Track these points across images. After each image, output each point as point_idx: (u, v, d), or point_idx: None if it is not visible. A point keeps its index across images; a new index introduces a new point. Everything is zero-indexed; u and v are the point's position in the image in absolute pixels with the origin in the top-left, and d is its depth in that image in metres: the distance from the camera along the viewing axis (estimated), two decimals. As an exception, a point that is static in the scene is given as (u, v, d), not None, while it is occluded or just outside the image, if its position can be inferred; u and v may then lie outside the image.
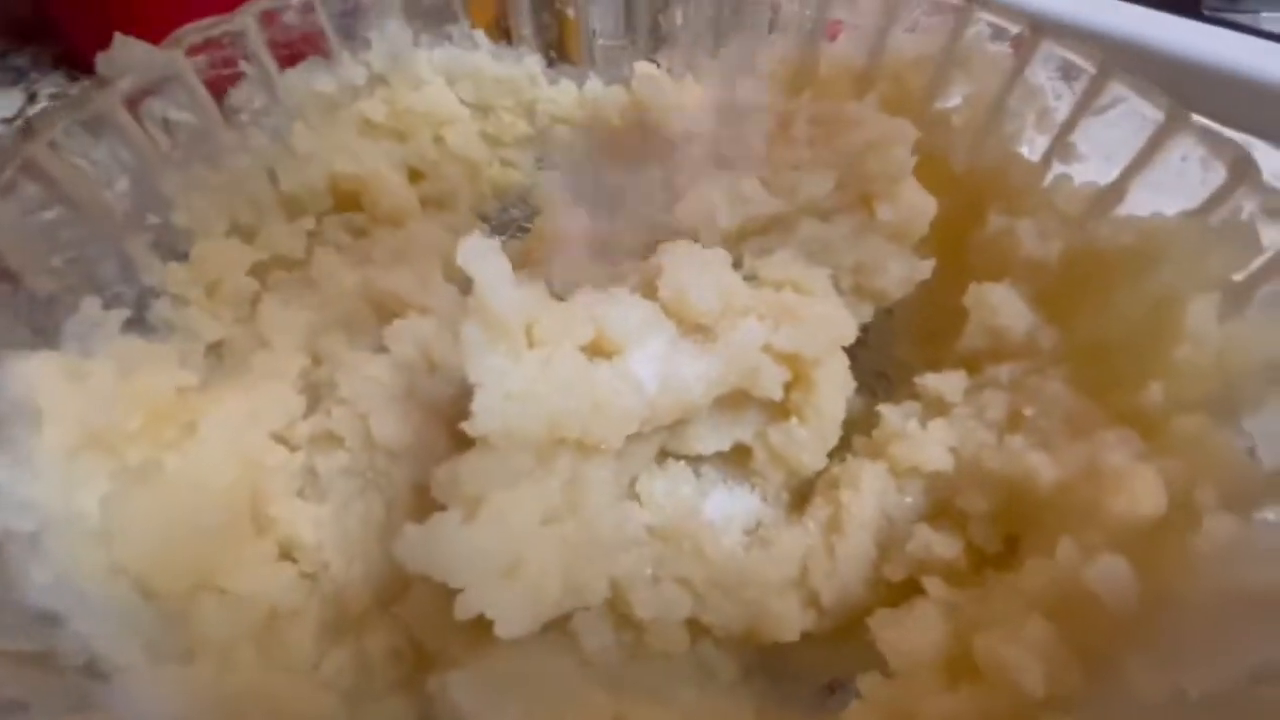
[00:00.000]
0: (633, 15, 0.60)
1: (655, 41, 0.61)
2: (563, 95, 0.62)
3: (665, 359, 0.35)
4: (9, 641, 0.25)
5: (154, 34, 0.42)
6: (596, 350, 0.34)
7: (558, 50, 0.62)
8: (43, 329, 0.35)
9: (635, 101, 0.61)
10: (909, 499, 0.39)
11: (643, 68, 0.61)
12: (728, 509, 0.40)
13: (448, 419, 0.43)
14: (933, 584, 0.34)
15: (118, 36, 0.41)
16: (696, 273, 0.38)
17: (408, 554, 0.28)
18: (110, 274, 0.40)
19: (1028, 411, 0.38)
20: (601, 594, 0.33)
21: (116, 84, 0.40)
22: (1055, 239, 0.43)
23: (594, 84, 0.62)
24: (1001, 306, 0.42)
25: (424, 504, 0.42)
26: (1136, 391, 0.34)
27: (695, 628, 0.37)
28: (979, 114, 0.49)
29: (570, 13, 0.60)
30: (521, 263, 0.50)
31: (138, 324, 0.42)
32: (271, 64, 0.49)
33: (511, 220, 0.65)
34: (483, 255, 0.29)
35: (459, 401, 0.44)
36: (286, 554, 0.36)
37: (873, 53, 0.54)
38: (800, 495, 0.42)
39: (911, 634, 0.32)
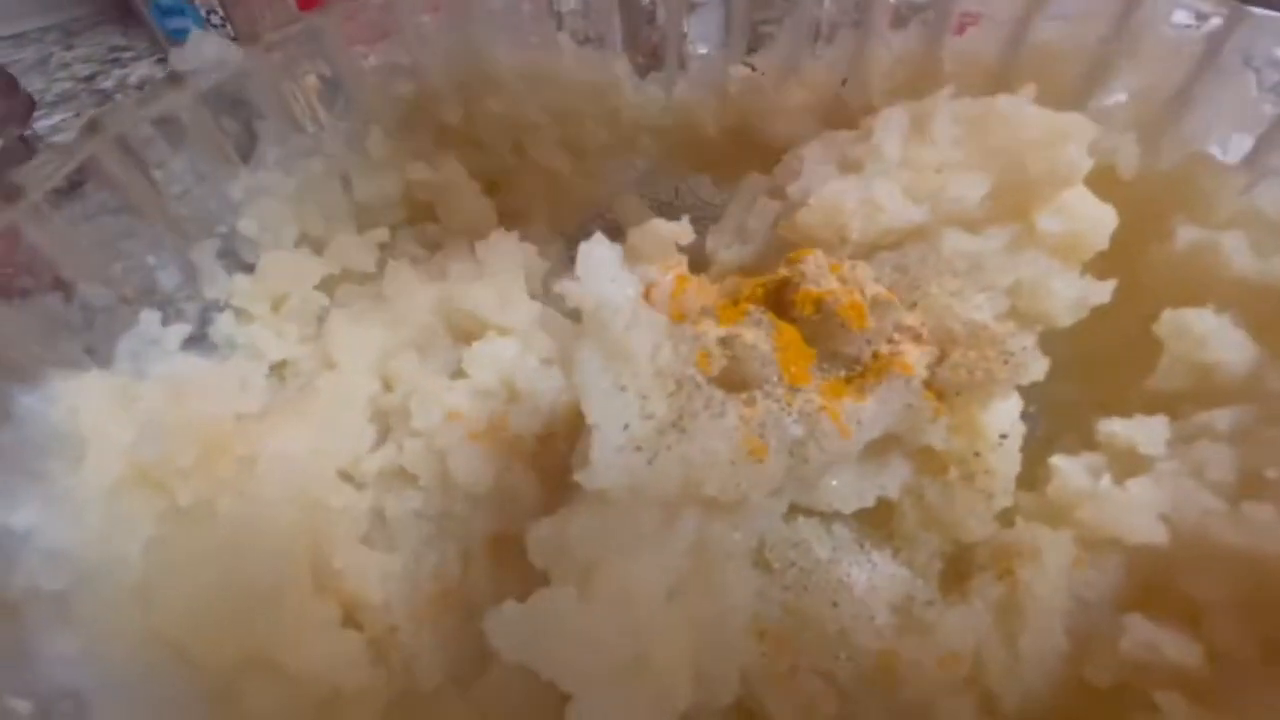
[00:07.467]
0: (732, 19, 0.55)
1: (752, 43, 0.56)
2: (649, 102, 0.57)
3: (812, 395, 0.28)
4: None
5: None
6: (729, 384, 0.28)
7: (646, 55, 0.57)
8: (95, 347, 0.31)
9: (732, 107, 0.56)
10: (1106, 578, 0.31)
11: (738, 71, 0.56)
12: (868, 580, 0.33)
13: (535, 460, 0.37)
14: (1169, 700, 0.26)
15: (194, 31, 0.38)
16: (838, 291, 0.31)
17: (504, 638, 0.22)
18: (172, 285, 0.37)
19: (1271, 473, 0.30)
20: (733, 691, 0.26)
21: (189, 80, 0.36)
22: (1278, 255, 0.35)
23: (683, 89, 0.57)
24: (1211, 337, 0.34)
25: (505, 559, 0.36)
26: None
27: (837, 733, 0.29)
28: (1154, 110, 0.42)
29: (660, 15, 0.56)
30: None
31: (198, 341, 0.38)
32: (351, 65, 0.45)
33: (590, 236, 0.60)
34: (603, 262, 0.24)
35: (547, 441, 0.39)
36: (350, 617, 0.31)
37: (1011, 46, 0.48)
38: (956, 566, 0.35)
39: (1151, 771, 0.24)
